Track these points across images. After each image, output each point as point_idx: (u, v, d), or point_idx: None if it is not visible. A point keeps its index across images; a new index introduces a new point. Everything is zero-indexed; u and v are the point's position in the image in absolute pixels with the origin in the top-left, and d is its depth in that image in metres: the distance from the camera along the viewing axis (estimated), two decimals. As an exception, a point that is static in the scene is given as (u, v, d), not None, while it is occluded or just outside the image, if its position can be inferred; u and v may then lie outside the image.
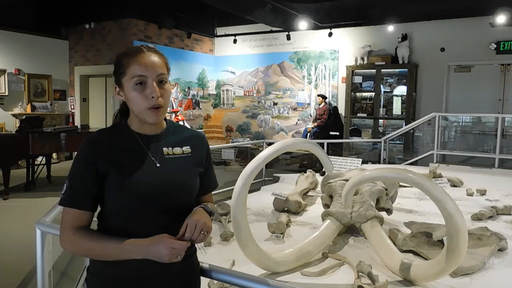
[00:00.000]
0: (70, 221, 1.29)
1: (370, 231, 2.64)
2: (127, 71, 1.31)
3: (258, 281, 1.39)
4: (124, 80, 1.32)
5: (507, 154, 7.08)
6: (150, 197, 1.30)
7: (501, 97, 7.96)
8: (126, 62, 1.31)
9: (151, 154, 1.35)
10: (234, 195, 2.19)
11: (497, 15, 7.37)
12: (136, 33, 8.92)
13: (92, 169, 1.28)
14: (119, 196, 1.29)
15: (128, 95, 1.32)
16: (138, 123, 1.36)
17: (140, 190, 1.29)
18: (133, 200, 1.29)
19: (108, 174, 1.28)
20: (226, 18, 9.62)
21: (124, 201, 1.29)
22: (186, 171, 1.39)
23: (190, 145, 1.43)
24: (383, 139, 7.51)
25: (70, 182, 1.30)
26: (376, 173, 2.36)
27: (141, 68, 1.29)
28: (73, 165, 1.32)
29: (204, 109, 10.99)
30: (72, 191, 1.29)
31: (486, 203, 4.08)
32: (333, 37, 9.03)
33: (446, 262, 2.01)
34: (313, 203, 4.04)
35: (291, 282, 2.19)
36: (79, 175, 1.29)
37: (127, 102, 1.35)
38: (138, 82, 1.30)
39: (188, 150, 1.41)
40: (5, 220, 5.30)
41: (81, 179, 1.29)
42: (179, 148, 1.40)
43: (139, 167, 1.31)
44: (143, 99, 1.29)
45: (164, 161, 1.36)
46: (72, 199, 1.29)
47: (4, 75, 8.74)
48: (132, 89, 1.30)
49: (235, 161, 8.67)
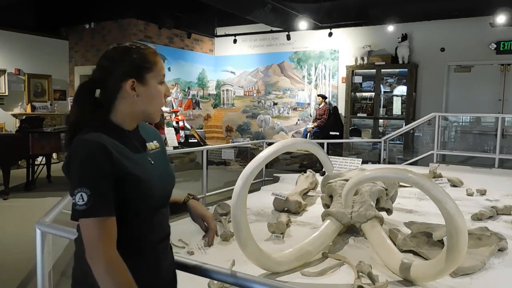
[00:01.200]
0: (110, 234, 1.13)
1: (370, 231, 2.64)
2: (156, 68, 1.30)
3: (258, 281, 1.39)
4: (150, 76, 1.29)
5: (507, 154, 7.08)
6: (159, 194, 1.30)
7: (501, 97, 7.96)
8: (154, 58, 1.31)
9: (144, 152, 1.34)
10: (234, 195, 2.19)
11: (497, 15, 7.37)
12: (136, 33, 8.92)
13: (109, 172, 1.16)
14: (135, 198, 1.22)
15: (152, 91, 1.29)
16: (127, 120, 1.30)
17: (154, 190, 1.27)
18: (147, 201, 1.25)
19: (124, 177, 1.19)
20: (226, 18, 9.62)
21: (139, 203, 1.23)
22: (168, 164, 1.42)
23: (156, 139, 1.43)
24: (383, 139, 7.51)
25: (91, 189, 1.12)
26: (376, 173, 2.37)
27: (163, 68, 1.34)
28: (87, 170, 1.15)
29: (204, 109, 10.99)
30: (100, 198, 1.13)
31: (486, 203, 4.08)
32: (333, 37, 9.03)
33: (446, 262, 2.01)
34: (313, 203, 4.04)
35: (291, 282, 2.19)
36: (102, 178, 1.14)
37: (144, 98, 1.28)
38: (162, 81, 1.32)
39: (157, 144, 1.42)
40: (5, 220, 5.30)
41: (105, 183, 1.15)
42: (152, 143, 1.39)
43: (144, 166, 1.28)
44: (162, 97, 1.32)
45: (153, 157, 1.35)
46: (102, 206, 1.13)
47: (4, 75, 8.74)
48: (159, 85, 1.31)
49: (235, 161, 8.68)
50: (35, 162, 7.18)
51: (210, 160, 7.34)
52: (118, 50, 1.29)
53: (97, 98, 1.30)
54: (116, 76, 1.26)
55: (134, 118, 1.31)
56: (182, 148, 8.02)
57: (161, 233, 1.34)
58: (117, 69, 1.26)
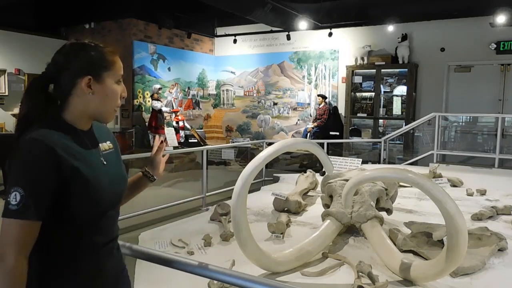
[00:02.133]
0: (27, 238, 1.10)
1: (370, 231, 2.64)
2: (113, 67, 1.28)
3: (258, 281, 1.39)
4: (107, 75, 1.27)
5: (507, 154, 7.08)
6: (108, 195, 1.27)
7: (501, 97, 7.96)
8: (112, 58, 1.29)
9: (96, 152, 1.30)
10: (234, 195, 2.19)
11: (497, 15, 7.37)
12: (136, 33, 8.93)
13: (51, 172, 1.13)
14: (85, 197, 1.19)
15: (107, 90, 1.27)
16: (82, 120, 1.27)
17: (103, 193, 1.23)
18: (94, 204, 1.21)
19: (71, 176, 1.16)
20: (226, 18, 9.63)
21: (88, 202, 1.20)
22: (121, 165, 1.40)
23: (109, 139, 1.40)
24: (383, 139, 7.51)
25: (27, 190, 1.09)
26: (376, 173, 2.37)
27: (121, 67, 1.32)
28: (27, 170, 1.12)
29: (204, 109, 10.99)
30: (33, 200, 1.10)
31: (486, 203, 4.08)
32: (333, 37, 9.03)
33: (446, 262, 2.01)
34: (313, 203, 4.04)
35: (291, 282, 2.19)
36: (38, 179, 1.11)
37: (100, 97, 1.26)
38: (118, 80, 1.30)
39: (111, 144, 1.39)
40: (5, 220, 5.29)
41: (42, 184, 1.12)
42: (105, 144, 1.37)
43: (95, 166, 1.25)
44: (118, 97, 1.30)
45: (106, 157, 1.32)
46: (33, 209, 1.10)
47: (4, 75, 8.74)
48: (115, 85, 1.29)
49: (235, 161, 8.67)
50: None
51: (210, 160, 7.34)
52: (75, 46, 1.26)
53: (50, 93, 1.26)
54: (72, 71, 1.23)
55: (87, 116, 1.27)
56: (182, 148, 8.03)
57: (107, 236, 1.31)
58: (73, 64, 1.23)
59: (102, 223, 1.28)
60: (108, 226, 1.32)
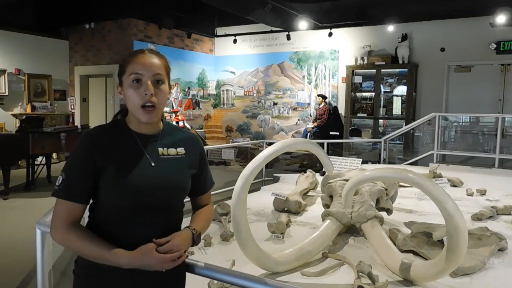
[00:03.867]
0: (64, 213, 1.30)
1: (370, 231, 2.64)
2: (126, 69, 1.36)
3: (258, 281, 1.39)
4: (124, 78, 1.37)
5: (507, 154, 7.08)
6: (142, 195, 1.33)
7: (501, 97, 7.96)
8: (127, 61, 1.37)
9: (147, 153, 1.38)
10: (234, 195, 2.19)
11: (497, 15, 7.37)
12: (136, 33, 8.92)
13: (90, 162, 1.30)
14: (113, 192, 1.31)
15: (126, 92, 1.36)
16: (136, 122, 1.39)
17: (133, 188, 1.31)
18: (124, 197, 1.31)
19: (105, 168, 1.31)
20: (226, 18, 9.62)
21: (116, 197, 1.31)
22: (179, 172, 1.42)
23: (184, 146, 1.46)
24: (383, 139, 7.50)
25: (66, 175, 1.31)
26: (376, 173, 2.36)
27: (139, 67, 1.35)
28: (71, 158, 1.34)
29: (204, 109, 10.99)
30: (68, 184, 1.30)
31: (486, 203, 4.07)
32: (333, 37, 9.03)
33: (446, 262, 2.01)
34: (313, 203, 4.04)
35: (291, 282, 2.19)
36: (77, 168, 1.31)
37: (125, 100, 1.38)
38: (134, 80, 1.34)
39: (183, 151, 1.44)
40: (5, 220, 5.30)
41: (78, 172, 1.31)
42: (174, 149, 1.43)
43: (135, 165, 1.34)
44: (137, 96, 1.34)
45: (159, 161, 1.39)
46: (68, 191, 1.30)
47: (4, 75, 8.74)
48: (129, 86, 1.35)
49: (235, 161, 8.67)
50: (35, 162, 7.18)
51: (210, 160, 7.34)
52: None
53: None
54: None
55: (134, 118, 1.38)
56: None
57: (134, 239, 1.30)
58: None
59: (132, 222, 1.33)
60: (139, 228, 1.33)
